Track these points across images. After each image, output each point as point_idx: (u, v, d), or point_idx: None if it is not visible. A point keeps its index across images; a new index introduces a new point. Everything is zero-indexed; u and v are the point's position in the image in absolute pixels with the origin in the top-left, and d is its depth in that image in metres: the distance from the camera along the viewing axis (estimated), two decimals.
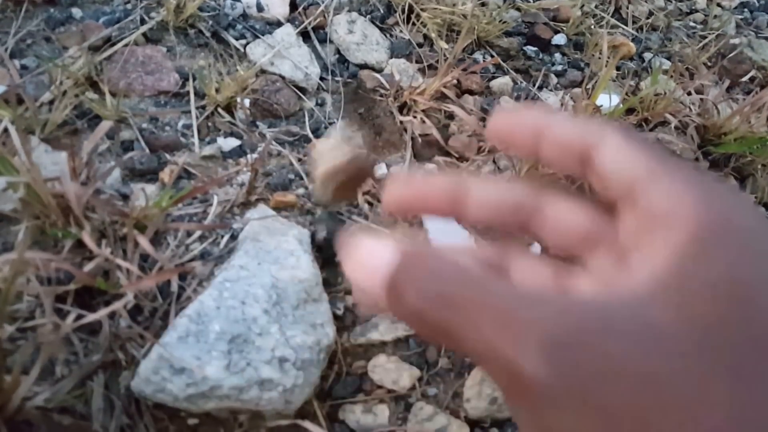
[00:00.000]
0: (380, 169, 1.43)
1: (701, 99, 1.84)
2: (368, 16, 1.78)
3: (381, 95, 1.59)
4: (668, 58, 2.04)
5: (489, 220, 0.46)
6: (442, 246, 0.44)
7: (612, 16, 2.12)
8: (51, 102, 1.30)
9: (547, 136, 0.45)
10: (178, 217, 1.16)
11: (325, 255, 1.23)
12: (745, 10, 2.43)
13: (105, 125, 1.14)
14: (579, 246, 0.47)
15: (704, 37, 2.15)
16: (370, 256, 0.38)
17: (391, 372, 1.19)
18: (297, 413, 1.01)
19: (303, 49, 1.62)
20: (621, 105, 1.63)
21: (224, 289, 0.94)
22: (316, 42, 1.68)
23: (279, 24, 1.67)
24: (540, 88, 1.81)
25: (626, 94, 1.80)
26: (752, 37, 2.26)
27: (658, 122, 1.75)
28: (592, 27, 2.03)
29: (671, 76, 1.89)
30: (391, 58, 1.70)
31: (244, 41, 1.60)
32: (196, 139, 1.35)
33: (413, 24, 1.79)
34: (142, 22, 1.53)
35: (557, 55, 1.93)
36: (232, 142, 1.37)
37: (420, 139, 1.53)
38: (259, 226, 1.03)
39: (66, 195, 0.99)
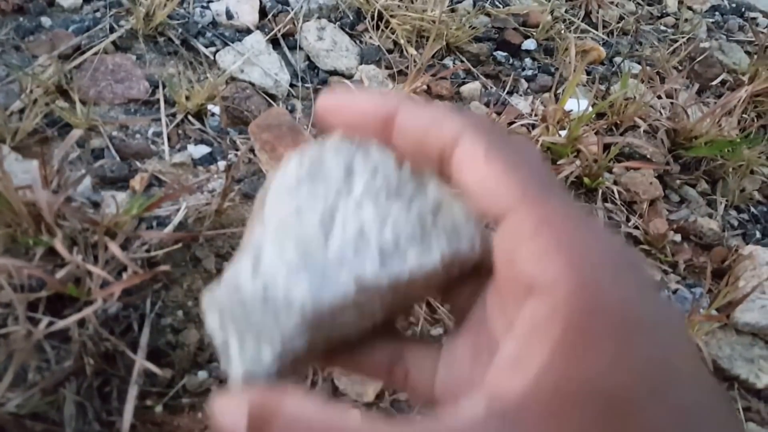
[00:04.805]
0: None
1: (671, 103, 1.86)
2: (338, 23, 1.78)
3: None
4: (638, 62, 2.05)
5: (410, 153, 0.43)
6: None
7: (582, 21, 2.13)
8: (21, 111, 1.30)
9: (397, 124, 0.42)
10: (149, 224, 1.16)
11: None
12: (716, 13, 2.45)
13: (75, 133, 1.14)
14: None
15: (675, 41, 2.17)
16: (226, 419, 0.37)
17: (356, 384, 1.18)
18: None
19: (273, 56, 1.63)
20: (590, 109, 1.64)
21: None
22: (285, 49, 1.68)
23: (248, 31, 1.68)
24: (510, 93, 1.82)
25: (596, 98, 1.81)
26: (723, 40, 2.28)
27: (628, 126, 1.77)
28: (562, 32, 2.04)
29: (641, 80, 1.90)
30: (361, 64, 1.71)
31: (213, 49, 1.60)
32: (166, 147, 1.36)
33: (383, 30, 1.80)
34: (112, 30, 1.53)
35: (527, 60, 1.95)
36: (202, 150, 1.38)
37: None
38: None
39: (37, 203, 0.99)
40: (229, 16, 1.68)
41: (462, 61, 1.84)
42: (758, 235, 1.70)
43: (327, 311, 0.39)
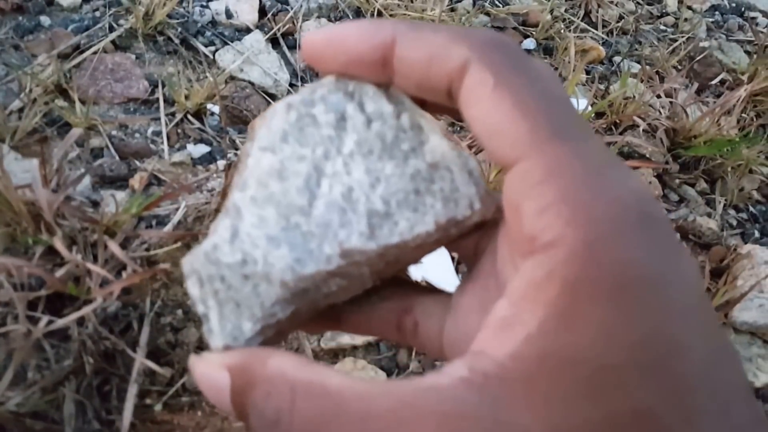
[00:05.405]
0: None
1: (671, 102, 1.85)
2: (337, 23, 1.78)
3: None
4: (638, 62, 2.05)
5: (415, 89, 0.38)
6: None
7: (582, 20, 2.13)
8: (21, 110, 1.30)
9: (396, 56, 0.37)
10: (148, 223, 1.16)
11: None
12: (716, 12, 2.44)
13: (75, 132, 1.14)
14: None
15: (674, 41, 2.17)
16: (208, 383, 0.36)
17: None
18: None
19: (272, 55, 1.63)
20: (590, 108, 1.64)
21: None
22: (285, 48, 1.68)
23: (248, 30, 1.67)
24: None
25: (595, 97, 1.81)
26: (722, 39, 2.27)
27: (628, 125, 1.76)
28: (562, 31, 2.04)
29: (641, 80, 1.90)
30: None
31: (213, 48, 1.60)
32: (165, 146, 1.36)
33: None
34: (111, 29, 1.53)
35: None
36: (201, 149, 1.38)
37: None
38: None
39: (37, 202, 0.99)
40: (229, 15, 1.68)
41: None
42: (757, 234, 1.70)
43: (310, 283, 0.38)
